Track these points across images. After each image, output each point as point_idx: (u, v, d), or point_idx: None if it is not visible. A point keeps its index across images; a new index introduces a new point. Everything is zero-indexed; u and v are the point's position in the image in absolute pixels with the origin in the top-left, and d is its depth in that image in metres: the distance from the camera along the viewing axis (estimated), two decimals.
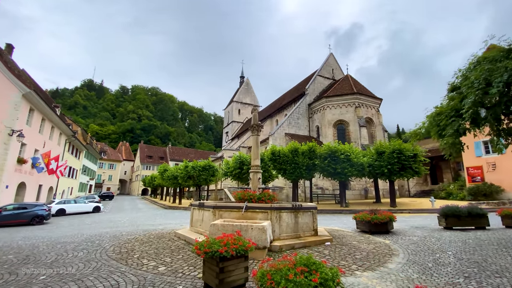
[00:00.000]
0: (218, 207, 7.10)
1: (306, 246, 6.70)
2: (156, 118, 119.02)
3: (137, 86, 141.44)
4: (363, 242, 7.59)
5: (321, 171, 17.36)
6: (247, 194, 8.22)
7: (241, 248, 3.81)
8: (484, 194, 19.93)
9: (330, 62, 38.86)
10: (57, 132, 27.53)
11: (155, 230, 10.40)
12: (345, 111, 30.30)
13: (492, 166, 20.37)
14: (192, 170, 24.09)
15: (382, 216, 9.16)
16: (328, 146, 17.54)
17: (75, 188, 38.23)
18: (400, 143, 16.96)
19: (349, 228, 10.85)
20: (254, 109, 9.98)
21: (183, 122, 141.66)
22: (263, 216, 6.80)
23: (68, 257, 6.05)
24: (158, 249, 6.50)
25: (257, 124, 9.63)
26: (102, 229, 11.67)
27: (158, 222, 14.10)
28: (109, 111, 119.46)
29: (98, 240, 8.24)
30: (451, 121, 7.54)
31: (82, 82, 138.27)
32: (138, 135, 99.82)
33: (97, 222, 14.88)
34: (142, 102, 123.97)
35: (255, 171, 9.17)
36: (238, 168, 19.39)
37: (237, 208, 6.96)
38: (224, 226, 5.89)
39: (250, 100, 64.52)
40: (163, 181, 29.30)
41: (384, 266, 5.27)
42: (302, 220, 7.41)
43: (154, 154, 68.57)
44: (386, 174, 16.89)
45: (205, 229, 7.34)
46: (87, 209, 21.75)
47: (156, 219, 15.86)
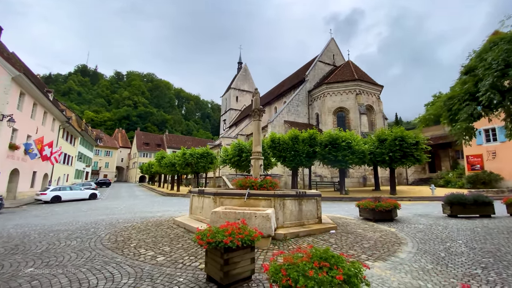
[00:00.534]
0: (219, 194, 6.76)
1: (310, 234, 6.44)
2: (152, 105, 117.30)
3: (132, 72, 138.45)
4: (368, 230, 7.36)
5: (321, 158, 17.08)
6: (248, 181, 7.90)
7: (247, 238, 3.47)
8: (483, 183, 19.92)
9: (331, 48, 37.88)
10: (50, 118, 26.77)
11: (153, 217, 10.11)
12: (346, 98, 29.77)
13: (493, 154, 20.25)
14: (190, 157, 23.71)
15: (386, 203, 8.95)
16: (329, 133, 17.17)
17: (71, 175, 37.78)
18: (402, 130, 16.66)
19: (352, 215, 10.66)
20: (255, 93, 9.49)
21: (179, 109, 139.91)
22: (266, 203, 6.49)
23: (60, 247, 5.71)
24: (156, 238, 6.19)
25: (258, 108, 9.18)
26: (98, 216, 11.36)
27: (156, 209, 13.83)
28: (104, 97, 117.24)
29: (93, 228, 7.92)
30: (464, 105, 7.16)
31: (75, 67, 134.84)
32: (134, 122, 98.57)
33: (93, 209, 14.56)
34: (138, 89, 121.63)
35: (257, 157, 8.81)
36: (237, 156, 19.04)
37: (239, 195, 6.62)
38: (226, 213, 5.56)
39: (248, 87, 63.40)
40: (160, 168, 28.95)
41: (394, 256, 5.02)
42: (306, 208, 7.13)
43: (151, 141, 67.86)
44: (387, 162, 16.67)
45: (205, 217, 7.04)
46: (83, 196, 21.40)
47: (154, 206, 15.59)
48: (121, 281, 3.64)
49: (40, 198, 18.64)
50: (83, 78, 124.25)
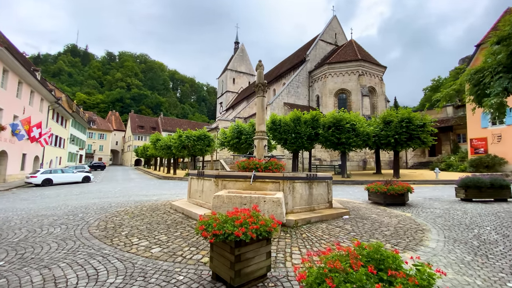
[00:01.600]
0: (221, 176, 6.04)
1: (323, 220, 5.84)
2: (146, 87, 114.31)
3: (125, 53, 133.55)
4: (383, 215, 6.80)
5: (324, 141, 16.40)
6: (252, 163, 7.19)
7: (263, 229, 2.78)
8: (486, 166, 19.60)
9: (333, 26, 36.17)
10: (38, 98, 25.40)
11: (148, 201, 9.45)
12: (348, 80, 28.71)
13: (498, 137, 19.80)
14: (187, 139, 22.87)
15: (398, 187, 8.38)
16: (332, 114, 16.39)
17: (64, 158, 36.78)
18: (409, 112, 15.94)
19: (358, 199, 10.15)
20: (259, 65, 8.55)
21: (174, 92, 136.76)
22: (274, 186, 5.81)
23: (41, 235, 5.01)
24: (151, 224, 5.51)
25: (262, 83, 8.29)
26: (90, 200, 10.69)
27: (152, 192, 13.18)
28: (96, 79, 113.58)
29: (82, 213, 7.23)
30: (497, 78, 6.39)
31: (65, 47, 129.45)
32: (128, 105, 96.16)
33: (85, 193, 13.88)
34: (131, 70, 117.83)
35: (260, 137, 8.04)
36: (236, 138, 18.24)
37: (243, 177, 5.92)
38: (231, 198, 4.87)
39: (246, 68, 61.48)
40: (156, 151, 28.11)
41: (423, 245, 4.43)
42: (317, 192, 6.48)
43: (146, 124, 66.41)
44: (392, 144, 16.08)
45: (206, 201, 6.37)
46: (76, 179, 20.65)
47: (150, 189, 14.94)
48: (107, 280, 2.96)
49: (31, 181, 17.86)
50: (73, 59, 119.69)
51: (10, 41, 27.77)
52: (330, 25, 36.01)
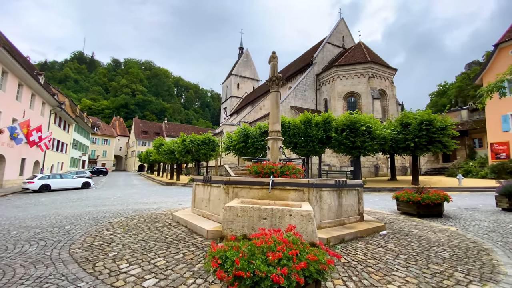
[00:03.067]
0: (233, 182, 5.02)
1: (357, 237, 4.77)
2: (150, 94, 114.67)
3: (130, 60, 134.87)
4: (424, 229, 5.70)
5: (337, 145, 15.32)
6: (266, 167, 6.20)
7: (314, 267, 1.75)
8: (509, 172, 18.28)
9: (340, 29, 35.43)
10: (39, 101, 24.84)
11: (148, 210, 8.46)
12: (357, 82, 27.72)
13: None
14: (191, 144, 21.96)
15: (434, 195, 7.27)
16: (346, 116, 15.34)
17: (66, 163, 36.15)
18: (429, 113, 14.82)
19: (383, 208, 9.03)
20: (272, 57, 7.62)
21: (178, 98, 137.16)
22: (297, 195, 4.78)
23: (11, 254, 4.03)
24: (147, 242, 4.50)
25: (277, 76, 7.34)
26: (85, 208, 9.74)
27: (153, 200, 12.18)
28: (102, 85, 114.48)
29: (70, 225, 6.26)
30: None
31: (71, 54, 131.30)
32: (133, 111, 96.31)
33: (83, 199, 12.95)
34: (136, 76, 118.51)
35: (275, 137, 7.05)
36: (242, 142, 17.27)
37: (259, 184, 4.90)
38: (246, 210, 3.84)
39: (250, 73, 60.97)
40: (159, 156, 27.25)
41: (501, 273, 3.34)
42: (347, 202, 5.42)
43: (150, 129, 65.93)
44: (411, 148, 14.93)
45: (213, 212, 5.35)
46: (75, 185, 19.79)
47: (151, 196, 13.95)
48: None
49: (28, 186, 17.03)
50: (79, 66, 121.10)
51: (13, 44, 27.44)
52: (338, 28, 35.28)
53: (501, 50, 19.81)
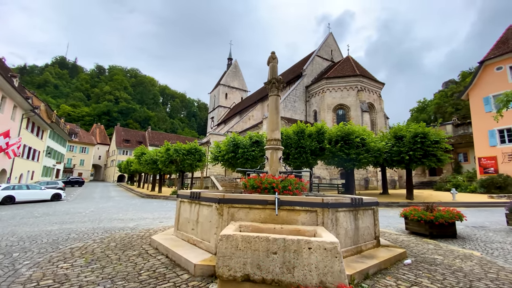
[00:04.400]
0: (228, 201, 4.03)
1: (382, 269, 3.88)
2: (135, 101, 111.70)
3: (115, 67, 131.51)
4: (449, 256, 4.92)
5: (331, 156, 14.68)
6: (265, 181, 5.30)
7: None
8: (498, 187, 18.33)
9: (329, 43, 35.94)
10: (10, 104, 22.83)
11: (122, 230, 7.22)
12: (347, 95, 27.76)
13: (509, 156, 18.75)
14: (175, 153, 20.63)
15: (447, 213, 6.59)
16: (341, 127, 14.83)
17: (37, 172, 33.38)
18: (423, 126, 14.60)
19: (388, 227, 8.27)
20: (272, 58, 6.85)
21: (164, 107, 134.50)
22: (308, 218, 3.86)
23: None
24: (114, 281, 3.38)
25: (277, 79, 6.56)
26: (48, 225, 8.33)
27: (130, 215, 10.80)
28: (83, 91, 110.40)
29: (20, 251, 4.99)
30: None
31: (53, 59, 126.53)
32: (115, 118, 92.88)
33: (49, 214, 11.38)
34: (120, 84, 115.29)
35: (275, 147, 6.19)
36: (232, 152, 16.27)
37: (261, 203, 3.95)
38: (250, 241, 2.88)
39: (239, 84, 60.63)
40: (140, 166, 25.56)
41: None
42: (363, 224, 4.57)
43: (132, 138, 63.32)
44: (406, 162, 14.54)
45: (202, 238, 4.31)
46: (44, 197, 17.86)
47: (129, 211, 12.51)
48: None
49: None
50: (61, 71, 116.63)
51: None
52: (326, 41, 35.78)
53: (486, 67, 20.40)
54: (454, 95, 54.08)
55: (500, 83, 19.50)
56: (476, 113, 20.84)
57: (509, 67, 19.13)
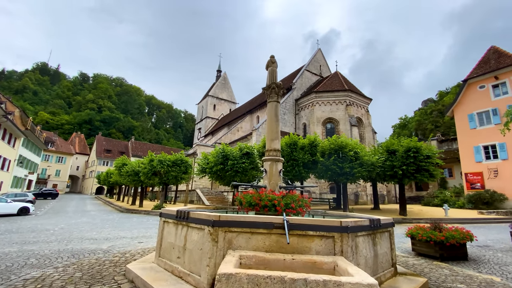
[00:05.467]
0: (225, 223, 3.27)
1: None
2: (119, 110, 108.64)
3: (100, 75, 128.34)
4: (470, 283, 4.35)
5: (324, 170, 14.19)
6: (265, 197, 4.63)
7: None
8: (486, 203, 18.47)
9: (318, 58, 36.61)
10: None
11: (93, 253, 6.18)
12: (336, 109, 27.92)
13: (494, 172, 19.05)
14: (159, 164, 19.44)
15: (457, 233, 6.09)
16: (334, 139, 14.47)
17: (6, 183, 30.75)
18: (415, 141, 14.52)
19: None
20: (271, 61, 6.31)
21: (149, 117, 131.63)
22: (324, 245, 3.17)
23: None
24: None
25: (277, 84, 6.00)
26: (6, 246, 7.15)
27: (105, 234, 9.61)
28: (64, 99, 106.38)
29: None
30: None
31: (34, 65, 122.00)
32: (97, 127, 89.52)
33: (11, 232, 10.00)
34: (104, 92, 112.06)
35: (274, 158, 5.53)
36: (220, 164, 15.42)
37: (265, 226, 3.22)
38: (259, 282, 2.16)
39: (227, 96, 60.35)
40: (120, 177, 23.98)
41: None
42: (381, 250, 3.91)
43: (114, 148, 60.70)
44: (399, 176, 14.28)
45: (191, 269, 3.47)
46: (9, 211, 16.12)
47: (104, 228, 11.24)
48: None
49: None
50: (41, 77, 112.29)
51: None
52: (315, 57, 36.45)
53: (470, 85, 21.11)
54: (433, 113, 56.45)
55: (483, 101, 20.15)
56: (462, 129, 21.32)
57: (491, 85, 19.86)
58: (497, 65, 19.41)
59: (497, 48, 20.71)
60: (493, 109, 19.42)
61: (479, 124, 20.21)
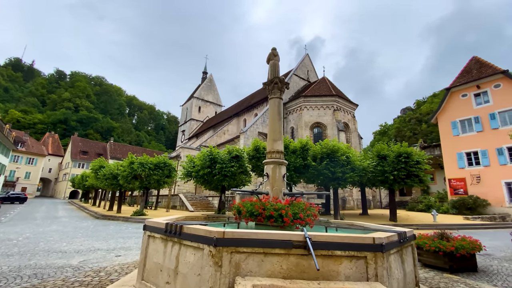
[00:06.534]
0: (231, 242, 2.57)
1: None
2: (97, 110, 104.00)
3: (78, 73, 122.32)
4: None
5: (317, 174, 13.76)
6: (270, 206, 3.99)
7: None
8: (469, 208, 18.87)
9: (305, 63, 36.74)
10: None
11: (61, 271, 5.22)
12: (323, 114, 27.92)
13: (477, 178, 19.56)
14: (140, 167, 18.20)
15: (467, 243, 5.75)
16: (326, 143, 14.12)
17: None
18: (405, 146, 14.50)
19: None
20: (273, 54, 5.74)
21: (130, 118, 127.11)
22: (354, 268, 2.58)
23: None
24: None
25: (280, 79, 5.43)
26: None
27: (77, 245, 8.48)
28: (38, 97, 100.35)
29: None
30: None
31: (7, 60, 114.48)
32: (73, 128, 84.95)
33: None
34: (82, 91, 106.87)
35: (277, 161, 4.93)
36: (208, 167, 14.57)
37: (282, 245, 2.57)
38: None
39: (213, 98, 59.30)
40: (97, 181, 22.34)
41: None
42: (408, 267, 3.38)
43: (91, 149, 57.54)
44: (390, 182, 14.15)
45: None
46: None
47: (76, 238, 10.02)
48: None
49: None
50: (14, 73, 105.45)
51: None
52: (303, 62, 36.55)
53: (452, 94, 21.76)
54: (412, 121, 58.66)
55: (466, 109, 20.80)
56: (445, 136, 21.86)
57: (473, 94, 20.56)
58: (479, 75, 20.15)
59: (478, 58, 21.56)
60: (475, 117, 20.07)
61: (462, 132, 20.81)
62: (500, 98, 18.95)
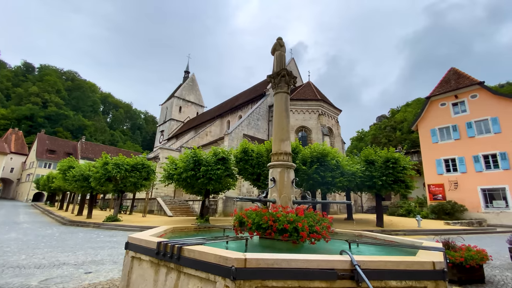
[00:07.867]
0: (256, 273, 1.88)
1: None
2: (68, 107, 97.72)
3: (48, 66, 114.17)
4: None
5: (306, 179, 13.33)
6: (283, 218, 3.38)
7: None
8: (447, 213, 19.47)
9: (291, 67, 36.75)
10: None
11: None
12: (308, 118, 27.91)
13: (454, 184, 20.28)
14: (115, 169, 16.74)
15: (476, 254, 5.49)
16: (316, 147, 13.78)
17: None
18: (392, 151, 14.57)
19: None
20: (279, 45, 5.14)
21: (104, 116, 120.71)
22: None
23: None
24: None
25: (287, 71, 4.83)
26: None
27: (38, 258, 7.24)
28: (2, 90, 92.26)
29: None
30: None
31: None
32: (40, 125, 78.90)
33: None
34: (52, 86, 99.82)
35: (285, 164, 4.32)
36: (191, 170, 13.59)
37: (324, 276, 1.93)
38: None
39: (195, 98, 57.71)
40: (65, 182, 20.36)
41: None
42: None
43: (59, 148, 53.42)
44: (378, 187, 14.09)
45: None
46: None
47: (38, 249, 8.66)
48: None
49: None
50: None
51: None
52: (289, 65, 36.49)
53: (432, 103, 22.61)
54: (387, 128, 61.15)
55: (444, 117, 21.66)
56: (425, 143, 22.61)
57: (451, 103, 21.46)
58: (457, 85, 21.10)
59: (456, 69, 22.64)
60: (453, 125, 20.93)
61: (440, 139, 21.60)
62: (477, 107, 19.92)
